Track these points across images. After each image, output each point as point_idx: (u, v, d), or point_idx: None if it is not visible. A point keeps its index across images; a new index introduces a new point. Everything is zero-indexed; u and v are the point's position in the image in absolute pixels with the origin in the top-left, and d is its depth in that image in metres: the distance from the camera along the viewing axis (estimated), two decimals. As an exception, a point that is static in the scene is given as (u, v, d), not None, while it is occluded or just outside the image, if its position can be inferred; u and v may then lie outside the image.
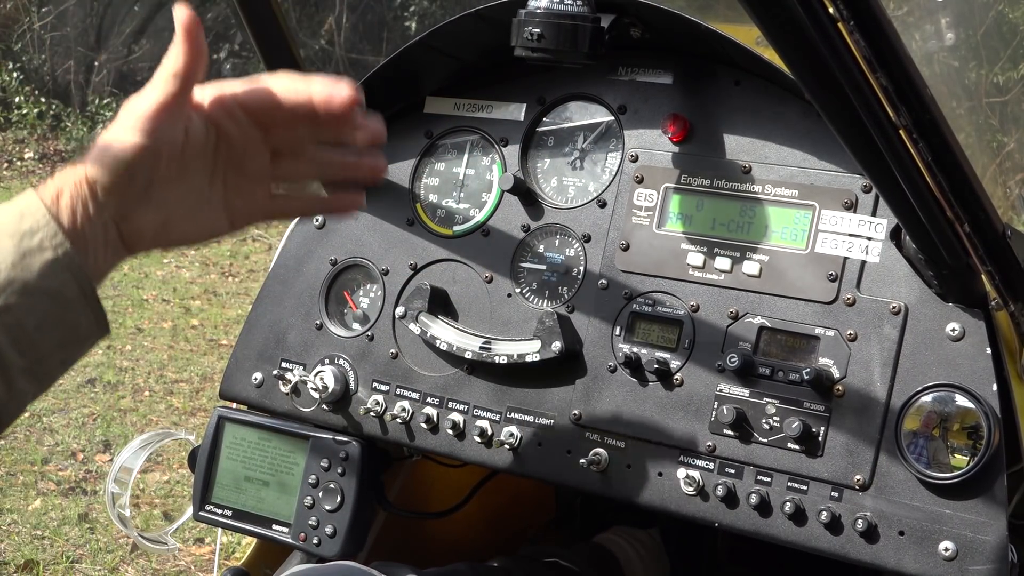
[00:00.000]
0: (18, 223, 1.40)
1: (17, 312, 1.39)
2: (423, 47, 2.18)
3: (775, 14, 1.29)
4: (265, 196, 1.53)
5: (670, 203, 2.05)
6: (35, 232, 1.40)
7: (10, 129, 13.14)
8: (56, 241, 1.39)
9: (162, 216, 1.46)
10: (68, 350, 1.45)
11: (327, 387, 2.23)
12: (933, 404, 1.80)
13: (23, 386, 1.42)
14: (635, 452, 2.00)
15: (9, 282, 1.38)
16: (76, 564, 4.47)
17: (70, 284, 1.41)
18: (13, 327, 1.39)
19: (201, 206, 1.49)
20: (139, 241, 1.48)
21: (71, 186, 1.42)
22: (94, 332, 1.46)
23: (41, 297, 1.40)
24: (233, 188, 1.50)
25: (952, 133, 1.47)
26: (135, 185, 1.43)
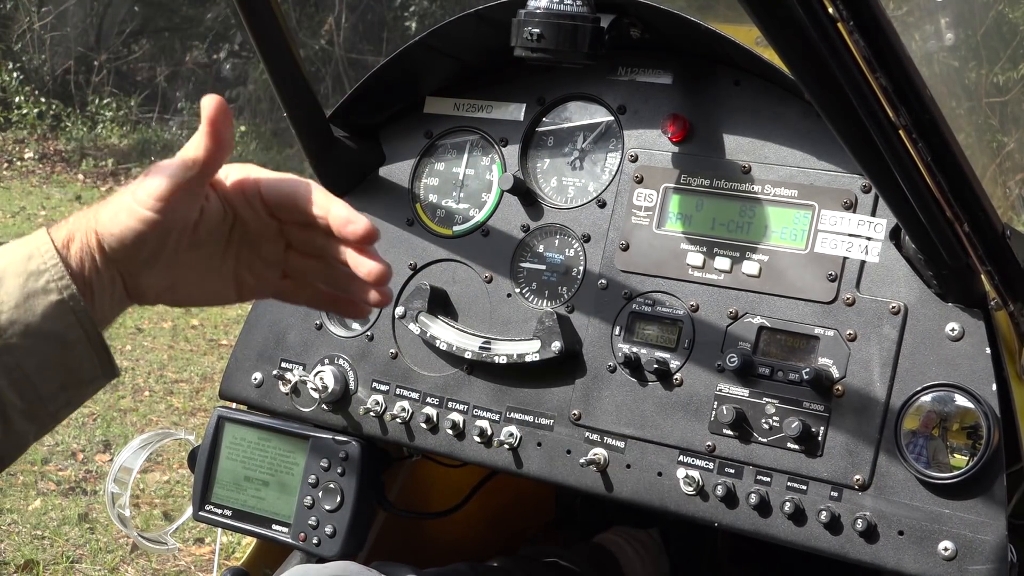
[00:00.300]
0: (26, 263, 1.39)
1: (17, 354, 1.38)
2: (423, 47, 2.18)
3: (775, 14, 1.29)
4: (276, 278, 1.53)
5: (670, 203, 2.05)
6: (41, 273, 1.39)
7: (10, 129, 13.14)
8: (62, 284, 1.39)
9: (169, 279, 1.47)
10: (71, 393, 1.44)
11: (327, 387, 2.23)
12: (933, 404, 1.80)
13: (22, 427, 1.41)
14: (635, 452, 2.00)
15: (12, 322, 1.37)
16: (76, 564, 4.47)
17: (74, 328, 1.40)
18: (13, 369, 1.38)
19: (210, 275, 1.49)
20: (144, 297, 1.48)
21: (82, 234, 1.41)
22: (99, 375, 1.45)
23: (43, 340, 1.39)
24: (245, 265, 1.51)
25: (952, 133, 1.47)
26: (142, 254, 1.43)
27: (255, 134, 12.41)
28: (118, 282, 1.44)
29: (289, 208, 1.46)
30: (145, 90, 13.73)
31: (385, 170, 2.31)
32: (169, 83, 13.76)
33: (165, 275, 1.46)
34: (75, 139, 12.97)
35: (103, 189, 11.59)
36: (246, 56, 13.19)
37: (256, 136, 12.39)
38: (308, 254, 1.50)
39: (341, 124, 2.29)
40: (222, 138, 1.39)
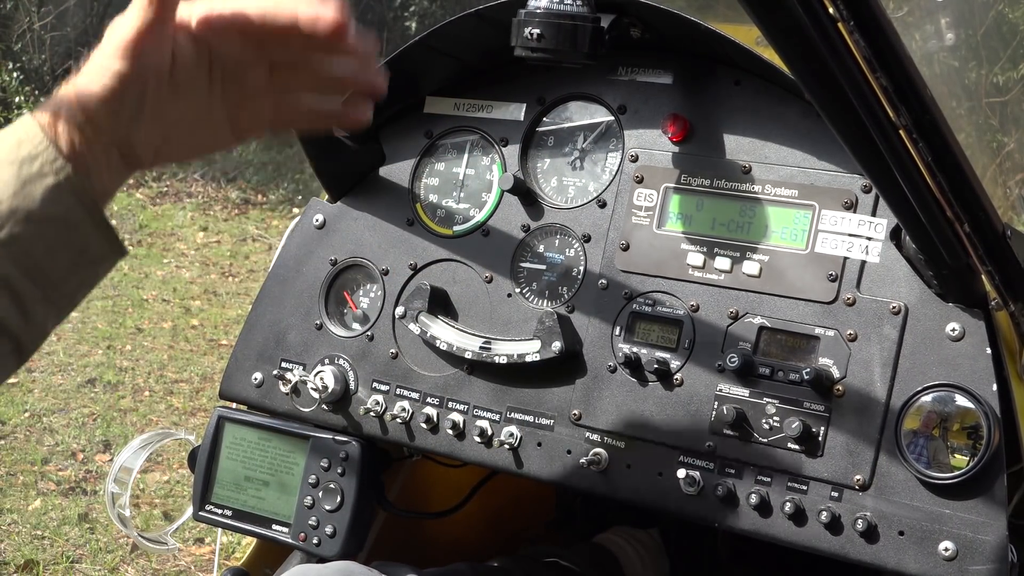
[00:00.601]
0: (16, 150, 1.38)
1: (23, 241, 1.37)
2: (423, 47, 2.18)
3: (775, 14, 1.29)
4: (268, 106, 1.50)
5: (670, 203, 2.05)
6: (34, 158, 1.37)
7: (10, 129, 13.12)
8: (57, 165, 1.37)
9: (160, 134, 1.44)
10: (83, 273, 1.43)
11: (327, 387, 2.23)
12: (933, 404, 1.80)
13: (41, 314, 1.41)
14: (635, 452, 2.00)
15: (12, 211, 1.36)
16: (76, 564, 4.47)
17: (75, 208, 1.39)
18: (22, 256, 1.37)
19: (201, 120, 1.47)
20: (141, 160, 1.46)
21: (66, 109, 1.39)
22: (107, 253, 1.44)
23: (46, 224, 1.38)
24: (233, 101, 1.48)
25: (952, 133, 1.47)
26: (124, 110, 1.40)
27: (255, 134, 12.38)
28: (112, 151, 1.42)
29: (259, 26, 1.43)
30: (145, 90, 13.70)
31: (385, 170, 2.31)
32: (169, 83, 13.73)
33: (156, 130, 1.44)
34: (75, 139, 12.94)
35: (103, 189, 11.56)
36: (246, 56, 13.15)
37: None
38: (294, 65, 1.47)
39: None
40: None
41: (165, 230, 9.61)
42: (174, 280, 8.31)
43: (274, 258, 2.37)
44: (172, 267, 8.66)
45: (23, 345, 1.42)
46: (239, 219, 10.19)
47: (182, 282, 8.28)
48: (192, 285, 8.24)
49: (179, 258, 8.92)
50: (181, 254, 9.03)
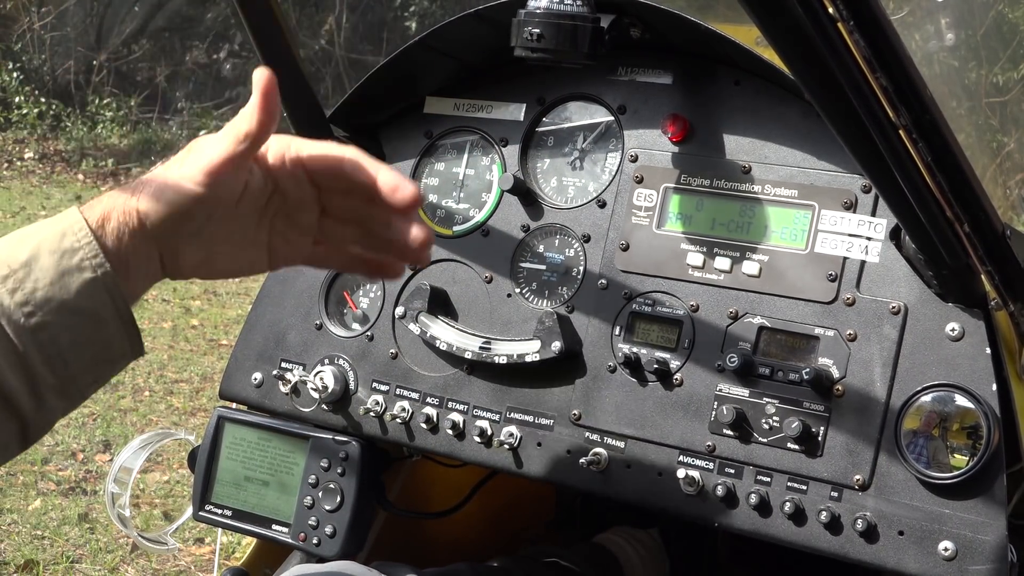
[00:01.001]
0: (59, 241, 1.41)
1: (52, 330, 1.40)
2: (423, 47, 2.18)
3: (775, 14, 1.29)
4: (309, 245, 1.55)
5: (670, 203, 2.05)
6: (76, 251, 1.41)
7: (10, 129, 13.15)
8: (96, 262, 1.41)
9: (206, 253, 1.48)
10: (100, 370, 1.47)
11: (327, 387, 2.23)
12: (933, 404, 1.80)
13: (53, 403, 1.44)
14: (635, 452, 2.00)
15: (47, 300, 1.40)
16: (76, 564, 4.47)
17: (107, 305, 1.42)
18: (47, 345, 1.40)
19: (245, 245, 1.51)
20: (180, 272, 1.50)
21: (119, 213, 1.43)
22: (127, 352, 1.47)
23: (77, 316, 1.41)
24: (279, 234, 1.52)
25: (952, 133, 1.47)
26: (187, 228, 1.45)
27: (255, 134, 12.39)
28: (155, 258, 1.45)
29: (334, 175, 1.48)
30: (145, 90, 13.73)
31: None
32: (169, 83, 13.76)
33: (203, 249, 1.48)
34: (75, 139, 12.97)
35: (103, 189, 11.58)
36: (246, 56, 13.18)
37: (256, 136, 12.36)
38: (345, 219, 1.52)
39: (341, 124, 2.29)
40: (273, 110, 1.41)
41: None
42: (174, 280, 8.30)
43: (274, 258, 2.37)
44: (172, 267, 8.64)
45: (29, 431, 1.44)
46: (239, 219, 10.18)
47: (182, 282, 8.28)
48: (192, 285, 8.24)
49: (179, 258, 8.90)
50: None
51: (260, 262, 1.54)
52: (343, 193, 1.49)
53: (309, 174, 1.49)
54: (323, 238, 1.54)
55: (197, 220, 1.44)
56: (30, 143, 12.93)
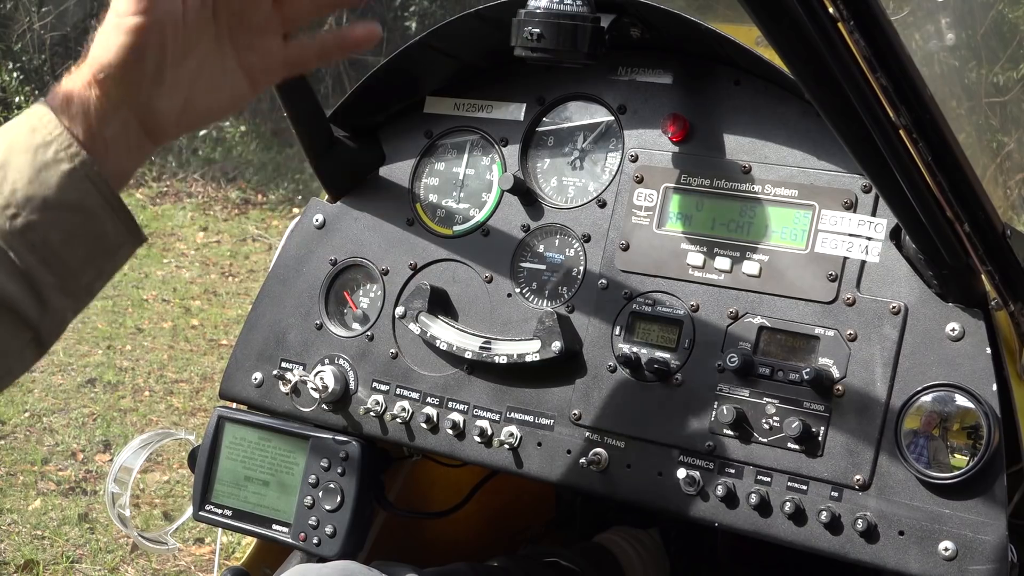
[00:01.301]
0: (30, 137, 1.37)
1: (40, 229, 1.35)
2: (423, 47, 2.18)
3: (775, 14, 1.29)
4: (279, 47, 1.48)
5: (670, 203, 2.05)
6: (48, 144, 1.36)
7: (10, 129, 13.12)
8: (72, 151, 1.36)
9: (181, 96, 1.42)
10: (100, 262, 1.42)
11: (327, 387, 2.23)
12: (933, 404, 1.80)
13: (59, 303, 1.39)
14: (635, 452, 2.00)
15: (28, 199, 1.35)
16: (76, 564, 4.47)
17: (91, 194, 1.37)
18: (38, 244, 1.36)
19: (217, 74, 1.45)
20: (164, 129, 1.43)
21: (79, 89, 1.37)
22: (126, 241, 1.42)
23: (63, 211, 1.36)
24: (244, 46, 1.46)
25: (952, 133, 1.47)
26: (145, 69, 1.38)
27: (255, 134, 12.41)
28: (131, 124, 1.40)
29: None
30: (145, 90, 13.70)
31: (385, 170, 2.31)
32: (169, 83, 13.73)
33: (175, 93, 1.42)
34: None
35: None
36: (246, 56, 13.15)
37: (256, 136, 12.38)
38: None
39: (341, 124, 2.29)
40: None
41: (165, 230, 9.61)
42: (174, 280, 8.31)
43: (274, 258, 2.37)
44: (172, 267, 8.66)
45: (42, 336, 1.40)
46: (239, 219, 10.19)
47: (182, 282, 8.28)
48: (192, 285, 8.24)
49: (179, 258, 8.92)
50: (181, 254, 9.02)
51: (240, 88, 1.47)
52: None
53: None
54: (288, 28, 1.48)
55: (150, 56, 1.37)
56: (30, 143, 12.91)
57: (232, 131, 12.23)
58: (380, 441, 2.24)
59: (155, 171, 11.80)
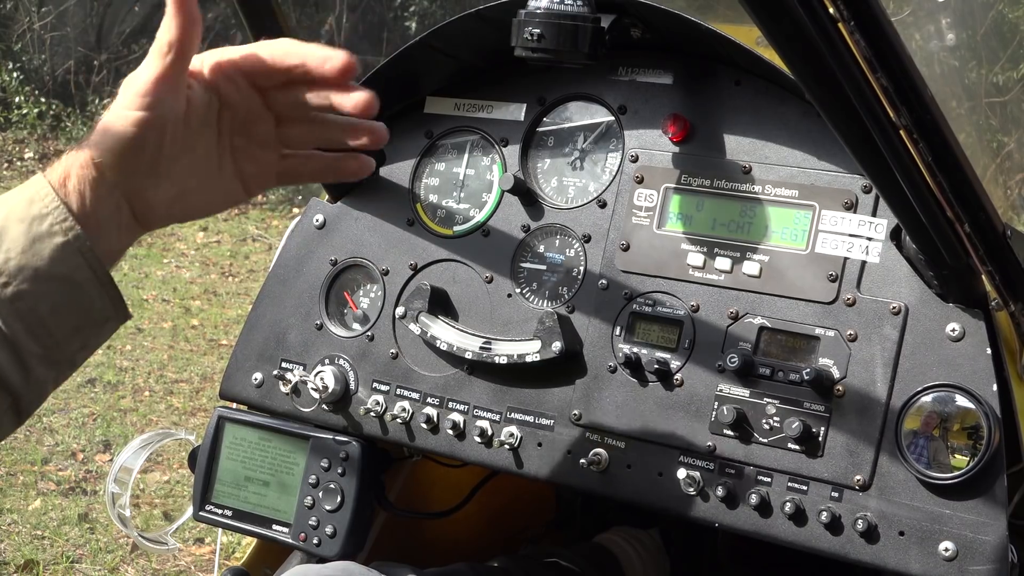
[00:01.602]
0: (27, 208, 1.40)
1: (30, 298, 1.38)
2: (423, 47, 2.18)
3: (776, 14, 1.29)
4: (276, 160, 1.52)
5: (670, 203, 2.05)
6: (44, 217, 1.39)
7: (10, 129, 13.14)
8: (66, 225, 1.39)
9: (175, 189, 1.46)
10: (85, 335, 1.45)
11: (327, 387, 2.23)
12: (933, 404, 1.80)
13: (42, 374, 1.42)
14: (635, 452, 2.00)
15: (20, 268, 1.38)
16: (76, 564, 4.47)
17: (82, 268, 1.40)
18: (27, 314, 1.38)
19: (212, 175, 1.49)
20: (153, 217, 1.47)
21: (77, 168, 1.40)
22: (112, 316, 1.46)
23: (53, 283, 1.39)
24: (243, 154, 1.50)
25: (952, 133, 1.47)
26: (142, 160, 1.42)
27: (255, 134, 12.39)
28: (123, 207, 1.43)
29: (267, 71, 1.46)
30: (145, 90, 13.70)
31: (385, 170, 2.31)
32: (169, 83, 13.73)
33: (169, 186, 1.45)
34: (75, 139, 12.95)
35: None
36: (246, 56, 13.15)
37: (256, 136, 12.37)
38: (298, 119, 1.50)
39: (341, 124, 2.28)
40: (190, 13, 1.38)
41: (165, 230, 9.61)
42: (174, 280, 8.31)
43: (274, 258, 2.37)
44: (172, 267, 8.66)
45: (21, 404, 1.43)
46: (239, 219, 10.19)
47: (182, 282, 8.28)
48: (192, 285, 8.24)
49: (179, 258, 8.92)
50: (181, 254, 9.02)
51: (234, 190, 1.52)
52: (285, 88, 1.47)
53: (247, 76, 1.46)
54: (286, 147, 1.52)
55: (148, 149, 1.41)
56: (30, 143, 12.92)
57: (232, 131, 12.23)
58: (380, 441, 2.24)
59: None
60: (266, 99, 1.49)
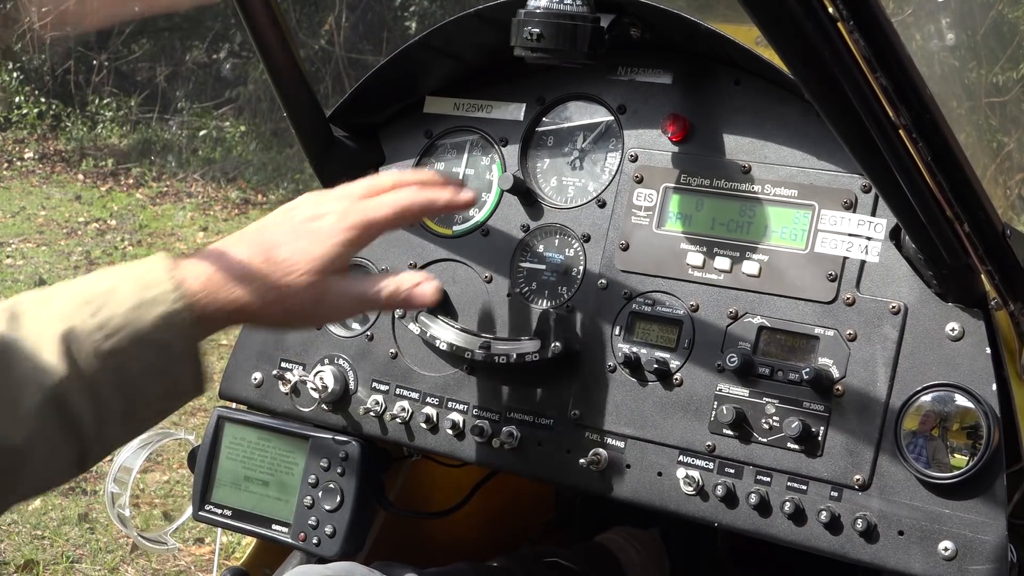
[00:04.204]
0: (141, 276, 1.50)
1: (124, 357, 1.45)
2: (423, 47, 2.18)
3: (775, 14, 1.29)
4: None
5: (670, 203, 2.05)
6: (155, 284, 1.49)
7: (10, 129, 13.14)
8: (174, 296, 1.48)
9: (280, 309, 1.61)
10: (165, 403, 1.52)
11: (327, 387, 2.23)
12: (933, 404, 1.80)
13: (114, 431, 1.48)
14: (635, 452, 2.00)
15: (124, 326, 1.45)
16: (76, 564, 4.47)
17: (178, 340, 1.49)
18: (118, 371, 1.45)
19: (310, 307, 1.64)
20: (254, 320, 1.61)
21: (199, 258, 1.55)
22: (190, 390, 1.53)
23: (151, 348, 1.47)
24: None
25: (952, 133, 1.47)
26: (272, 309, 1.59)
27: (255, 134, 12.41)
28: (231, 314, 1.57)
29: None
30: (145, 90, 13.72)
31: (385, 170, 2.31)
32: (169, 83, 13.75)
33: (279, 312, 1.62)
34: (75, 139, 12.96)
35: (103, 189, 11.58)
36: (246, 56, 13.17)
37: (256, 136, 12.38)
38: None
39: (341, 124, 2.29)
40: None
41: (165, 230, 9.62)
42: (174, 280, 8.29)
43: (274, 258, 2.37)
44: (172, 267, 8.64)
45: (87, 457, 1.49)
46: (239, 219, 10.19)
47: (182, 282, 8.26)
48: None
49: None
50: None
51: (311, 319, 1.74)
52: None
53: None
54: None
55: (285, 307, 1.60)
56: (30, 143, 12.92)
57: (232, 131, 12.23)
58: (380, 441, 2.24)
59: (155, 171, 11.80)
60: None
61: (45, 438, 1.43)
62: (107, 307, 1.45)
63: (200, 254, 1.57)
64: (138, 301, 1.46)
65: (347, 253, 1.61)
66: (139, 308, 1.46)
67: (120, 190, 11.55)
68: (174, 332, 1.48)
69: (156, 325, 1.47)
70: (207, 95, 13.25)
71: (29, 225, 9.94)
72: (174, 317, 1.48)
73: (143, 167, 12.04)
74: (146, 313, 1.46)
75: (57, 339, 1.43)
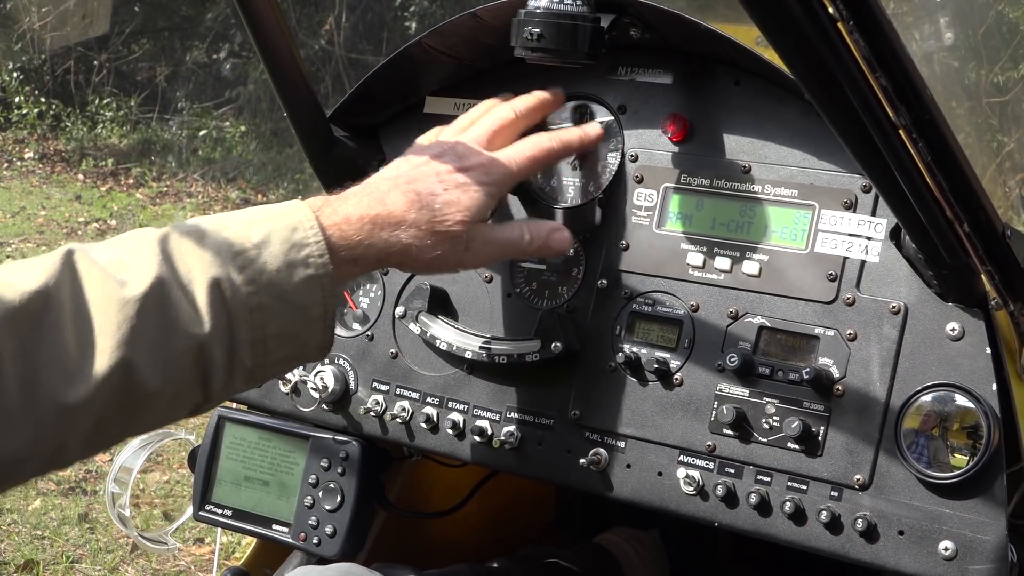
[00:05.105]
0: (290, 233, 1.50)
1: (266, 314, 1.47)
2: (423, 47, 2.18)
3: (775, 14, 1.29)
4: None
5: (670, 203, 2.05)
6: (304, 245, 1.50)
7: (10, 129, 13.15)
8: (320, 262, 1.50)
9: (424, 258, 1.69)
10: (288, 364, 1.54)
11: (327, 387, 2.23)
12: (933, 404, 1.80)
13: (237, 385, 1.50)
14: (635, 452, 2.00)
15: (270, 285, 1.47)
16: (76, 564, 4.47)
17: (318, 304, 1.50)
18: (257, 327, 1.46)
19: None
20: (403, 268, 1.70)
21: (354, 216, 1.58)
22: (315, 354, 1.55)
23: (291, 309, 1.48)
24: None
25: (952, 133, 1.47)
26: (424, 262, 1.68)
27: (255, 134, 12.41)
28: (368, 271, 1.66)
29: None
30: (145, 90, 13.73)
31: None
32: (169, 83, 13.76)
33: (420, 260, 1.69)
34: (75, 139, 12.97)
35: (103, 189, 11.59)
36: (246, 56, 13.18)
37: (256, 136, 12.39)
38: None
39: (341, 124, 2.29)
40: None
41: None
42: (174, 280, 8.29)
43: (274, 258, 2.37)
44: (172, 267, 8.64)
45: (201, 407, 1.50)
46: (239, 219, 10.18)
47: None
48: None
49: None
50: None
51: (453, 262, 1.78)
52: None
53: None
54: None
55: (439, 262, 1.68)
56: (30, 143, 12.93)
57: (232, 131, 12.24)
58: (380, 441, 2.24)
59: (155, 171, 11.81)
60: None
61: (179, 384, 1.44)
62: (257, 262, 1.46)
63: (352, 199, 1.60)
64: (288, 261, 1.47)
65: (492, 204, 1.72)
66: (288, 268, 1.47)
67: (120, 190, 11.56)
68: (315, 296, 1.49)
69: (299, 288, 1.48)
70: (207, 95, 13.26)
71: (29, 225, 9.94)
72: (319, 280, 1.49)
73: (143, 167, 12.04)
74: (294, 275, 1.48)
75: (207, 288, 1.43)
